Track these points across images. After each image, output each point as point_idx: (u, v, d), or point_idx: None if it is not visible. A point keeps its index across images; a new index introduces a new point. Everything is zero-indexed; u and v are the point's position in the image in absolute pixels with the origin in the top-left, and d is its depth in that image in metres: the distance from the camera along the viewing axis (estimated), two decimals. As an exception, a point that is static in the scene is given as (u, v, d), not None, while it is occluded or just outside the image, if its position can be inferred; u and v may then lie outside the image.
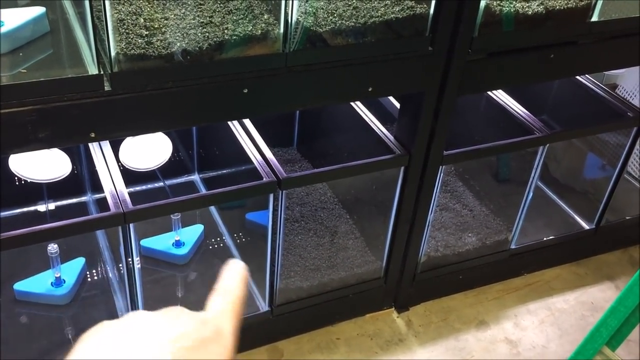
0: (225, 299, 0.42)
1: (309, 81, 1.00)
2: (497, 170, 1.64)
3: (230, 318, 0.41)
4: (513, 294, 1.54)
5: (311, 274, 1.34)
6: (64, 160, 1.13)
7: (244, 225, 1.42)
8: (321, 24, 0.97)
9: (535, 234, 1.56)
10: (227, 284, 0.44)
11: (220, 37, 0.90)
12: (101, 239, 1.37)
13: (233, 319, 0.42)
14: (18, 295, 1.23)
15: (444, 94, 1.13)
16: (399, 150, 1.21)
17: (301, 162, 1.68)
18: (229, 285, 0.44)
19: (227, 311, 0.42)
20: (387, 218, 1.32)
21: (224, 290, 0.43)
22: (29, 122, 0.82)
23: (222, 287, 0.43)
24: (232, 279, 0.44)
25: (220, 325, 0.40)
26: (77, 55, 0.87)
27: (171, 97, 0.90)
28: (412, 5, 1.03)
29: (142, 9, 0.90)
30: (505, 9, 1.09)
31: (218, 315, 0.41)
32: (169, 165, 1.30)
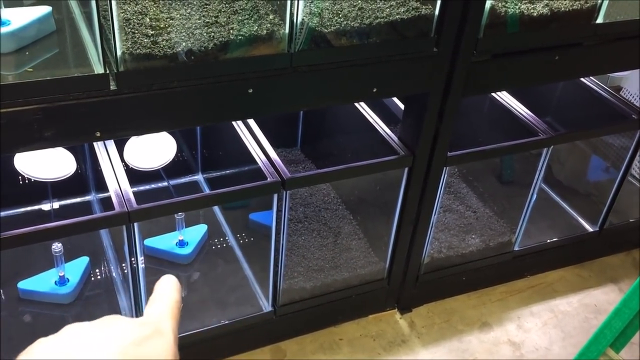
0: (160, 304, 0.43)
1: (313, 81, 1.00)
2: (500, 171, 1.64)
3: (169, 319, 0.42)
4: (516, 296, 1.53)
5: (314, 274, 1.34)
6: (69, 159, 1.13)
7: (247, 226, 1.42)
8: (326, 24, 0.97)
9: (538, 236, 1.55)
10: (161, 292, 0.45)
11: (225, 37, 0.91)
12: (105, 238, 1.37)
13: (171, 319, 0.42)
14: (22, 293, 1.23)
15: (449, 95, 1.13)
16: (403, 151, 1.21)
17: (305, 162, 1.68)
18: (163, 292, 0.45)
19: (165, 313, 0.42)
20: (391, 219, 1.32)
21: (159, 297, 0.44)
22: (34, 121, 0.82)
23: (155, 297, 0.45)
24: (166, 288, 0.45)
25: (160, 325, 0.41)
26: (83, 55, 0.87)
27: (176, 96, 0.90)
28: (417, 7, 1.03)
29: (147, 9, 0.91)
30: (510, 10, 1.09)
31: (156, 318, 0.42)
32: (173, 165, 1.30)
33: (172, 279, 0.46)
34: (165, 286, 0.45)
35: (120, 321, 0.40)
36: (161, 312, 0.42)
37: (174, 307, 0.44)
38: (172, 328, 0.42)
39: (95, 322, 0.40)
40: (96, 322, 0.40)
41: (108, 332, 0.38)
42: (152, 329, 0.40)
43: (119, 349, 0.37)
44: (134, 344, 0.38)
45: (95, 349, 0.37)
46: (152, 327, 0.40)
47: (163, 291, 0.45)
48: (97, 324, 0.39)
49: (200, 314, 1.27)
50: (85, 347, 0.37)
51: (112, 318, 0.40)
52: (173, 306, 0.44)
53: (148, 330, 0.39)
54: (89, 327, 0.39)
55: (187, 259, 1.35)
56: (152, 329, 0.40)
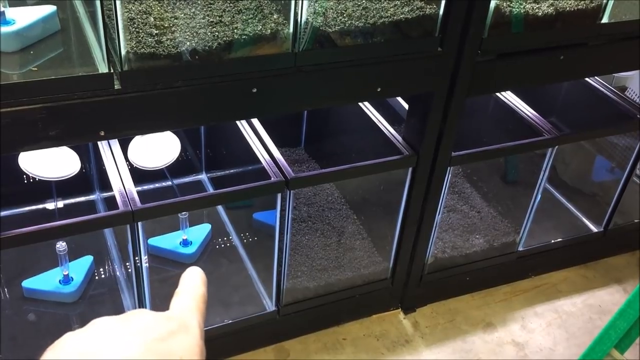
0: (186, 297, 0.43)
1: (317, 81, 1.00)
2: (505, 171, 1.64)
3: (195, 313, 0.42)
4: (520, 296, 1.53)
5: (318, 274, 1.34)
6: (73, 159, 1.13)
7: (251, 225, 1.42)
8: (330, 24, 0.97)
9: (543, 236, 1.55)
10: (187, 285, 0.44)
11: (229, 37, 0.90)
12: (109, 237, 1.37)
13: (198, 314, 0.42)
14: (26, 292, 1.24)
15: (453, 95, 1.13)
16: (407, 151, 1.21)
17: (309, 162, 1.68)
18: (189, 285, 0.44)
19: (191, 308, 0.42)
20: (395, 219, 1.32)
21: (185, 290, 0.44)
22: (39, 120, 0.82)
23: (182, 288, 0.44)
24: (191, 281, 0.45)
25: (186, 320, 0.41)
26: (87, 54, 0.88)
27: (180, 96, 0.90)
28: (422, 6, 1.03)
29: (152, 8, 0.91)
30: (515, 10, 1.08)
31: (182, 312, 0.41)
32: (176, 164, 1.30)
33: (198, 271, 0.46)
34: (191, 279, 0.45)
35: (146, 315, 0.40)
36: (187, 306, 0.42)
37: (200, 300, 0.43)
38: (198, 322, 0.41)
39: (121, 316, 0.40)
40: (123, 317, 0.39)
41: (134, 327, 0.38)
42: (178, 323, 0.40)
43: (144, 344, 0.37)
44: (160, 339, 0.38)
45: (122, 344, 0.37)
46: (178, 321, 0.40)
47: (189, 284, 0.44)
48: (123, 318, 0.39)
49: (203, 313, 1.26)
50: (111, 342, 0.37)
51: (138, 312, 0.40)
52: (199, 300, 0.43)
53: (174, 325, 0.39)
54: (115, 322, 0.39)
55: (190, 258, 1.36)
56: (178, 323, 0.40)
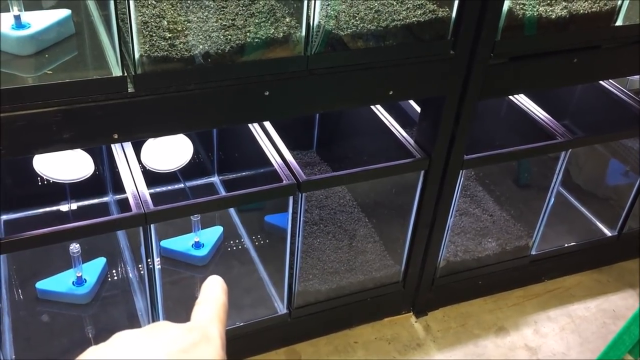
0: (207, 308, 0.43)
1: (330, 84, 1.00)
2: (517, 175, 1.63)
3: (216, 324, 0.42)
4: (533, 301, 1.52)
5: (329, 277, 1.34)
6: (87, 161, 1.14)
7: (262, 228, 1.43)
8: (343, 27, 0.97)
9: (556, 240, 1.54)
10: (209, 294, 0.45)
11: (242, 40, 0.91)
12: (122, 239, 1.38)
13: (219, 324, 0.42)
14: (40, 294, 1.25)
15: (465, 98, 1.12)
16: (419, 154, 1.21)
17: (320, 165, 1.68)
18: (210, 295, 0.45)
19: (212, 318, 0.42)
20: (406, 222, 1.31)
21: (206, 300, 0.44)
22: (53, 123, 0.83)
23: (204, 298, 0.45)
24: (213, 290, 0.45)
25: (207, 330, 0.41)
26: (101, 57, 0.88)
27: (193, 99, 0.91)
28: (434, 9, 1.02)
29: (165, 12, 0.91)
30: (528, 12, 1.08)
31: (204, 323, 0.42)
32: (188, 167, 1.31)
33: (218, 281, 0.46)
34: (212, 288, 0.45)
35: (168, 328, 0.40)
36: (209, 316, 0.42)
37: (221, 310, 0.44)
38: (219, 332, 0.42)
39: (144, 329, 0.40)
40: (145, 329, 0.40)
41: (156, 339, 0.39)
42: (200, 334, 0.40)
43: (167, 356, 0.37)
44: (183, 351, 0.38)
45: (145, 357, 0.37)
46: (200, 332, 0.40)
47: (210, 293, 0.45)
48: (145, 331, 0.40)
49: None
50: (134, 355, 0.37)
51: (160, 325, 0.41)
52: (220, 310, 0.44)
53: (196, 336, 0.40)
54: (138, 335, 0.39)
55: (202, 260, 1.36)
56: (199, 334, 0.40)
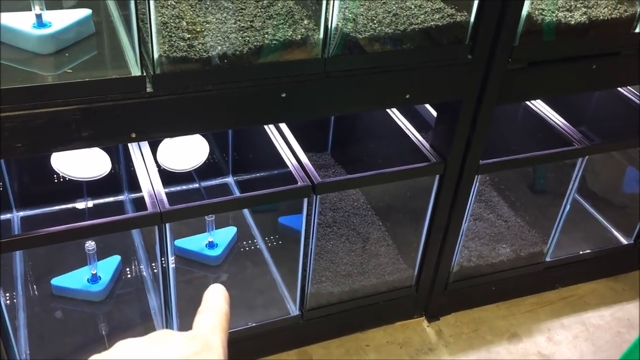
0: (209, 316, 0.43)
1: (346, 87, 1.00)
2: (533, 181, 1.62)
3: (218, 332, 0.42)
4: (547, 308, 1.51)
5: (342, 279, 1.34)
6: (104, 159, 1.15)
7: (276, 229, 1.43)
8: (360, 30, 0.97)
9: (571, 247, 1.53)
10: (211, 302, 0.45)
11: (260, 42, 0.91)
12: (136, 238, 1.39)
13: (221, 333, 0.42)
14: (55, 290, 1.26)
15: (482, 102, 1.12)
16: (435, 158, 1.20)
17: (335, 167, 1.68)
18: (212, 303, 0.45)
19: (214, 326, 0.43)
20: (420, 226, 1.31)
21: (209, 308, 0.44)
22: (73, 121, 0.84)
23: (206, 306, 0.45)
24: (215, 298, 0.45)
25: (209, 339, 0.41)
26: (120, 57, 0.89)
27: (211, 99, 0.91)
28: (453, 13, 1.02)
29: (184, 13, 0.92)
30: (547, 18, 1.07)
31: (205, 331, 0.42)
32: (203, 167, 1.32)
33: (221, 289, 0.47)
34: (214, 297, 0.46)
35: (170, 336, 0.40)
36: (210, 325, 0.43)
37: (223, 319, 0.44)
38: (221, 341, 0.42)
39: (146, 337, 0.41)
40: (147, 338, 0.40)
41: (158, 348, 0.39)
42: (202, 343, 0.40)
43: None
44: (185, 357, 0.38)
45: None
46: (201, 341, 0.40)
47: (212, 302, 0.45)
48: (147, 339, 0.40)
49: (228, 316, 1.27)
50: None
51: (162, 333, 0.41)
52: (222, 318, 0.44)
53: (197, 346, 0.40)
54: (140, 344, 0.40)
55: (216, 260, 1.37)
56: (201, 343, 0.40)
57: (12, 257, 1.29)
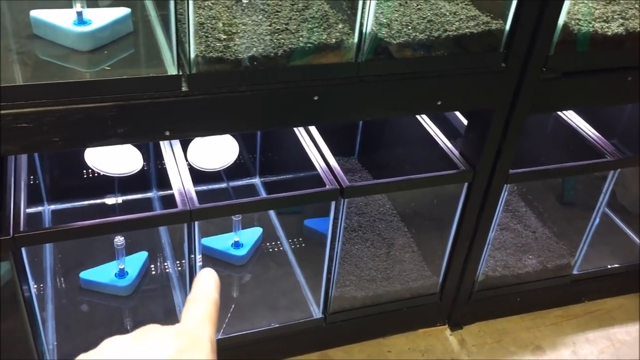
0: (198, 307, 0.43)
1: (378, 92, 1.00)
2: (561, 192, 1.60)
3: (206, 324, 0.42)
4: (572, 321, 1.49)
5: (366, 284, 1.34)
6: (137, 156, 1.17)
7: (301, 231, 1.43)
8: (395, 35, 0.98)
9: (599, 261, 1.51)
10: (199, 292, 0.44)
11: (294, 45, 0.92)
12: (164, 235, 1.40)
13: (209, 324, 0.42)
14: (83, 283, 1.28)
15: (515, 112, 1.11)
16: (464, 166, 1.20)
17: (361, 172, 1.68)
18: (201, 293, 0.44)
19: (202, 318, 0.42)
20: (446, 233, 1.30)
21: (197, 298, 0.43)
22: (109, 117, 0.85)
23: (194, 296, 0.44)
24: (204, 287, 0.44)
25: (197, 333, 0.40)
26: (157, 56, 0.90)
27: (244, 100, 0.92)
28: (488, 21, 1.02)
29: (221, 14, 0.93)
30: (583, 28, 1.06)
31: (193, 324, 0.41)
32: (231, 167, 1.33)
33: (211, 275, 0.46)
34: (203, 284, 0.45)
35: (156, 333, 0.40)
36: (199, 317, 0.42)
37: (212, 309, 0.43)
38: (209, 334, 0.41)
39: (132, 335, 0.40)
40: (133, 336, 0.40)
41: (144, 347, 0.38)
42: (189, 339, 0.40)
43: None
44: (170, 358, 0.38)
45: None
46: (189, 336, 0.40)
47: (202, 290, 0.44)
48: (133, 337, 0.40)
49: (251, 316, 1.28)
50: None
51: (149, 330, 0.41)
52: (211, 309, 0.43)
53: (185, 342, 0.39)
54: (125, 343, 0.39)
55: (241, 260, 1.37)
56: (188, 339, 0.40)
57: (42, 249, 1.31)
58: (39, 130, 0.83)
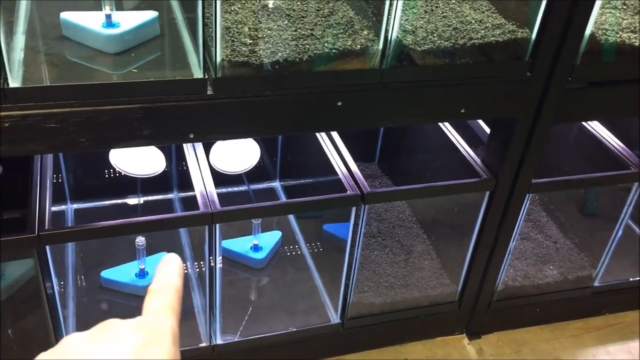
0: (159, 297, 0.41)
1: (402, 99, 1.00)
2: (583, 203, 1.58)
3: (168, 315, 0.40)
4: (592, 334, 1.47)
5: (384, 290, 1.33)
6: (160, 158, 1.18)
7: (320, 236, 1.44)
8: (420, 42, 0.97)
9: (621, 273, 1.49)
10: (161, 281, 0.43)
11: (319, 50, 0.92)
12: (183, 236, 1.41)
13: (171, 314, 0.40)
14: (104, 282, 1.29)
15: (539, 121, 1.10)
16: (486, 174, 1.19)
17: (381, 178, 1.68)
18: (162, 282, 0.42)
19: (163, 309, 0.41)
20: (466, 242, 1.30)
21: (157, 289, 0.42)
22: (135, 119, 0.86)
23: (155, 287, 0.42)
24: (165, 275, 0.43)
25: (158, 325, 0.39)
26: (183, 59, 0.91)
27: (268, 104, 0.93)
28: (514, 29, 1.01)
29: (247, 19, 0.94)
30: (610, 38, 1.05)
31: (154, 316, 0.40)
32: (252, 170, 1.33)
33: (174, 262, 0.44)
34: (166, 272, 0.43)
35: (116, 329, 0.39)
36: (160, 308, 0.41)
37: (174, 298, 0.42)
38: (170, 325, 0.40)
39: (92, 331, 0.39)
40: (94, 332, 0.39)
41: (103, 345, 0.37)
42: (149, 333, 0.39)
43: None
44: (131, 355, 0.37)
45: None
46: (149, 330, 0.39)
47: (164, 279, 0.42)
48: (93, 336, 0.39)
49: (268, 319, 1.28)
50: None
51: (108, 326, 0.39)
52: (173, 298, 0.42)
53: (145, 336, 0.38)
54: (85, 340, 0.38)
55: (260, 263, 1.38)
56: (148, 333, 0.39)
57: (65, 247, 1.33)
58: (66, 131, 0.84)
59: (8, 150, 0.83)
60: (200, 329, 1.24)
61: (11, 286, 1.10)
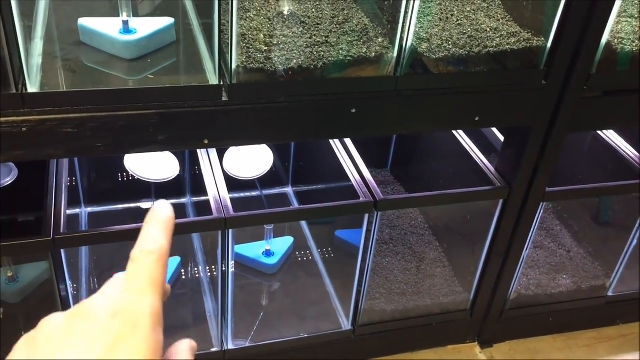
0: (141, 271, 0.36)
1: (416, 106, 1.00)
2: (597, 212, 1.57)
3: (148, 293, 0.35)
4: (606, 344, 1.46)
5: (396, 297, 1.33)
6: (174, 163, 1.18)
7: (332, 242, 1.44)
8: (435, 50, 0.97)
9: (635, 283, 1.47)
10: (143, 245, 0.37)
11: (334, 57, 0.92)
12: (196, 241, 1.42)
13: (152, 292, 0.36)
14: (116, 285, 1.29)
15: (553, 130, 1.10)
16: (500, 183, 1.19)
17: (394, 184, 1.68)
18: (145, 246, 0.37)
19: (144, 286, 0.36)
20: (479, 250, 1.29)
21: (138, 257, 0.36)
22: (151, 125, 0.87)
23: (137, 253, 0.37)
24: (149, 235, 0.37)
25: (136, 310, 0.35)
26: (199, 65, 0.92)
27: (282, 111, 0.93)
28: (529, 38, 1.01)
29: (262, 26, 0.94)
30: (627, 47, 1.05)
31: (133, 297, 0.35)
32: (264, 176, 1.33)
33: (161, 214, 0.37)
34: (151, 230, 0.37)
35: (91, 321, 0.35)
36: (140, 285, 0.36)
37: (157, 268, 0.36)
38: (151, 306, 0.35)
39: (69, 317, 0.36)
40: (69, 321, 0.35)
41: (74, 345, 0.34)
42: (126, 322, 0.34)
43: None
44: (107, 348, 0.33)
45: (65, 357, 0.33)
46: (126, 318, 0.35)
47: (147, 240, 0.36)
48: (68, 325, 0.35)
49: (279, 325, 1.29)
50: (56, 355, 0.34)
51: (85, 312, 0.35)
52: (155, 268, 0.36)
53: (120, 328, 0.34)
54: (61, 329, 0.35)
55: (272, 269, 1.38)
56: (125, 322, 0.34)
57: (79, 250, 1.34)
58: (82, 136, 0.85)
59: (25, 155, 0.84)
60: (212, 334, 1.24)
61: (25, 288, 1.11)
